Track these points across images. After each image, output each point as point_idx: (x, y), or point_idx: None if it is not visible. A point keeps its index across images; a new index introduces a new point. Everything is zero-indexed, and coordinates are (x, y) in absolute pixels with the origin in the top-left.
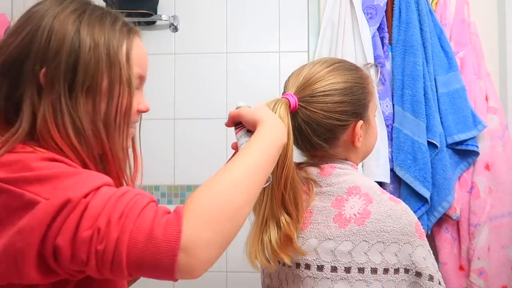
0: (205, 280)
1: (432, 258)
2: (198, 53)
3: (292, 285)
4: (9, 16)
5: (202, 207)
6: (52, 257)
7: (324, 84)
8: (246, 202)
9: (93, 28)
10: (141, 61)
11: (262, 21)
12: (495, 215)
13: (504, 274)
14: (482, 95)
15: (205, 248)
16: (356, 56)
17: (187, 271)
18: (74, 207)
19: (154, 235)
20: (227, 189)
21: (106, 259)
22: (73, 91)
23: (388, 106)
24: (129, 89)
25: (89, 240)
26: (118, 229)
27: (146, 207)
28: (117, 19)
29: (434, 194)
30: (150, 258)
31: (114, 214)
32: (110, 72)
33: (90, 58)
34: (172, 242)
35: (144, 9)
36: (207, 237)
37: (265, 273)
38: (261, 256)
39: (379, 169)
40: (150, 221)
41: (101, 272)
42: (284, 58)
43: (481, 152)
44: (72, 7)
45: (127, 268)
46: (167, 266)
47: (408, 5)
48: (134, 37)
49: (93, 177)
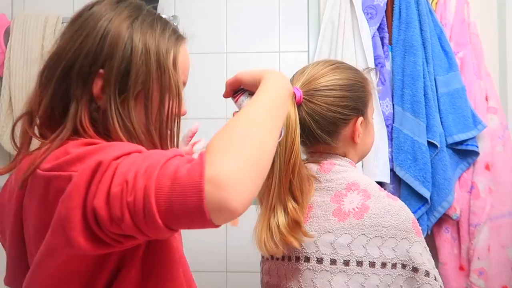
0: (205, 280)
1: (429, 254)
2: (198, 53)
3: (291, 279)
4: (9, 16)
5: (223, 143)
6: (94, 220)
7: (328, 79)
8: (266, 133)
9: (145, 34)
10: (185, 68)
11: (262, 21)
12: (495, 215)
13: (504, 274)
14: (482, 95)
15: (233, 177)
16: (356, 56)
17: (220, 206)
18: (106, 168)
19: (178, 177)
20: (242, 124)
21: (138, 210)
22: (124, 96)
23: (388, 106)
24: (178, 98)
25: (120, 194)
26: (144, 179)
27: (172, 158)
28: (166, 26)
29: (434, 194)
30: (178, 199)
31: (141, 167)
32: (160, 78)
33: (141, 64)
34: (196, 178)
35: None
36: (233, 166)
37: (264, 271)
38: (270, 242)
39: (379, 169)
40: (175, 167)
41: (138, 227)
42: (284, 58)
43: (481, 152)
44: (126, 12)
45: (160, 216)
46: (196, 203)
47: (408, 5)
48: (181, 44)
49: (126, 145)
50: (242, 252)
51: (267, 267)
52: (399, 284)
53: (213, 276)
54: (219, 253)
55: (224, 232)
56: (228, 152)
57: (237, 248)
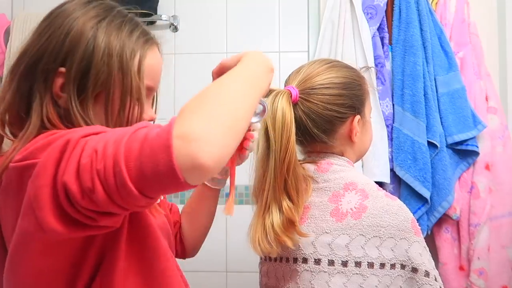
0: (205, 280)
1: (428, 254)
2: (198, 53)
3: (289, 280)
4: (9, 16)
5: (194, 105)
6: (65, 197)
7: (323, 78)
8: (239, 100)
9: (109, 35)
10: (152, 72)
11: (262, 21)
12: (495, 215)
13: (504, 274)
14: (482, 95)
15: (203, 130)
16: (356, 56)
17: (191, 160)
18: (75, 145)
19: (148, 139)
20: (216, 89)
21: (108, 176)
22: (83, 95)
23: (388, 106)
24: (139, 102)
25: (89, 164)
26: (114, 147)
27: (141, 128)
28: (136, 28)
29: (434, 194)
30: (147, 159)
31: (111, 138)
32: (122, 81)
33: (102, 64)
34: (164, 136)
35: (144, 9)
36: (202, 123)
37: (263, 272)
38: (264, 241)
39: (379, 169)
40: (145, 133)
41: (111, 197)
42: (284, 58)
43: (481, 152)
44: (94, 12)
45: (131, 180)
46: (166, 160)
47: (408, 5)
48: (150, 48)
49: (94, 127)
50: (242, 252)
51: (265, 268)
52: (399, 284)
53: (213, 276)
54: (219, 253)
55: (224, 232)
56: (198, 113)
57: (237, 248)
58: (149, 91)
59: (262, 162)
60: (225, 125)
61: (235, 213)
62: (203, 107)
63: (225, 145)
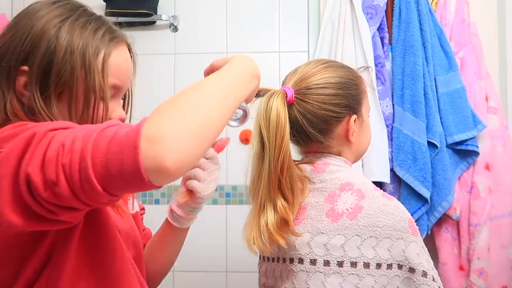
0: (205, 280)
1: (427, 254)
2: (198, 53)
3: (286, 280)
4: (9, 16)
5: (166, 107)
6: (26, 189)
7: (319, 78)
8: (214, 104)
9: (72, 34)
10: (119, 71)
11: (262, 21)
12: (495, 215)
13: (504, 274)
14: (482, 95)
15: (170, 134)
16: (356, 56)
17: (155, 164)
18: (42, 138)
19: (116, 136)
20: (191, 92)
21: (74, 171)
22: (46, 93)
23: (388, 106)
24: (104, 101)
25: (55, 158)
26: (82, 142)
27: (111, 126)
28: (101, 27)
29: (434, 194)
30: (113, 158)
31: (79, 133)
32: (85, 79)
33: (64, 63)
34: (132, 136)
35: (144, 9)
36: (171, 126)
37: (261, 272)
38: (258, 240)
39: (379, 169)
40: (114, 130)
41: (74, 191)
42: (284, 58)
43: (481, 152)
44: (58, 11)
45: (96, 177)
46: (131, 160)
47: (408, 5)
48: (117, 46)
49: (63, 122)
50: (242, 252)
51: (263, 268)
52: (396, 285)
53: (213, 276)
54: (219, 253)
55: (224, 232)
56: (169, 115)
57: (237, 248)
58: (116, 90)
59: (257, 162)
60: (194, 130)
61: (235, 213)
62: (175, 110)
63: (192, 150)
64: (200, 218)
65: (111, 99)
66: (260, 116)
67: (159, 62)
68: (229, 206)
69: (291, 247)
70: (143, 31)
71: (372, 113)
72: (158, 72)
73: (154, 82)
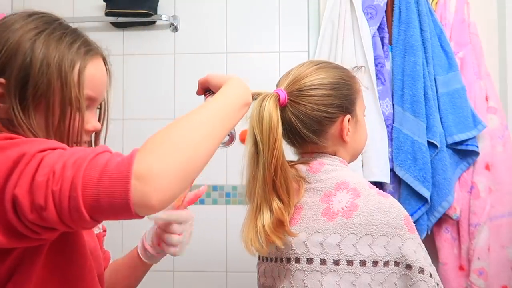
0: (205, 280)
1: (424, 251)
2: (198, 53)
3: (284, 280)
4: None
5: (155, 142)
6: (12, 209)
7: (312, 79)
8: (204, 138)
9: (48, 46)
10: (94, 83)
11: (262, 21)
12: (495, 215)
13: (504, 274)
14: (482, 95)
15: (159, 176)
16: (356, 56)
17: (143, 201)
18: (30, 159)
19: (107, 169)
20: (182, 126)
21: (63, 199)
22: (25, 105)
23: (388, 106)
24: (80, 112)
25: (45, 183)
26: (73, 170)
27: (101, 153)
28: (76, 40)
29: (434, 194)
30: (104, 191)
31: (70, 159)
32: (61, 91)
33: (41, 75)
34: (124, 172)
35: (144, 9)
36: (160, 166)
37: (260, 273)
38: (256, 242)
39: (379, 169)
40: (105, 160)
41: (61, 217)
42: (284, 58)
43: (481, 152)
44: (33, 24)
45: (85, 207)
46: (122, 196)
47: (408, 5)
48: (92, 58)
49: (51, 141)
50: (242, 252)
51: (262, 268)
52: (393, 282)
53: (213, 276)
54: (219, 253)
55: (224, 232)
56: (158, 152)
57: (237, 248)
58: (91, 102)
59: (252, 164)
60: (181, 168)
61: (235, 213)
62: (164, 147)
63: (177, 187)
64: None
65: (86, 110)
66: (253, 119)
67: (159, 62)
68: (229, 206)
69: (288, 247)
70: (143, 31)
71: (372, 113)
72: (158, 72)
73: (154, 82)
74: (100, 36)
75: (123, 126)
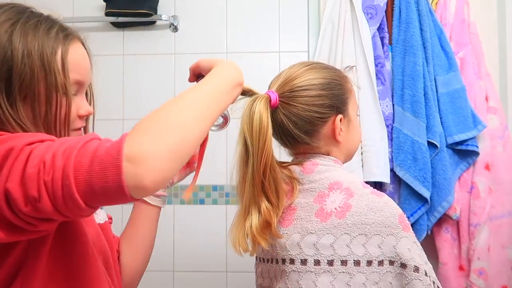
0: (205, 280)
1: (419, 249)
2: (198, 53)
3: (280, 281)
4: None
5: (146, 124)
6: (5, 203)
7: (302, 80)
8: (195, 119)
9: (26, 36)
10: (79, 66)
11: (262, 21)
12: (495, 215)
13: (504, 274)
14: (482, 95)
15: (150, 157)
16: (356, 56)
17: (136, 182)
18: (19, 153)
19: (97, 154)
20: (173, 108)
21: (56, 188)
22: (11, 99)
23: (388, 106)
24: (66, 97)
25: (36, 174)
26: (63, 158)
27: (90, 140)
28: (53, 25)
29: (434, 194)
30: (97, 176)
31: (59, 149)
32: (46, 79)
33: (24, 66)
34: (114, 155)
35: (144, 9)
36: (151, 147)
37: (258, 273)
38: (243, 242)
39: (379, 169)
40: (94, 147)
41: (56, 207)
42: (284, 58)
43: (481, 152)
44: (5, 16)
45: (79, 194)
46: (115, 179)
47: (408, 5)
48: (72, 42)
49: (39, 134)
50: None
51: (259, 269)
52: (388, 281)
53: (213, 276)
54: (219, 253)
55: (224, 232)
56: (149, 133)
57: None
58: (79, 86)
59: (241, 165)
60: (172, 148)
61: (235, 213)
62: (155, 128)
63: (169, 168)
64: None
65: (75, 96)
66: (243, 120)
67: (159, 62)
68: (229, 206)
69: (282, 248)
70: (143, 31)
71: (372, 113)
72: (158, 72)
73: (154, 82)
74: (100, 36)
75: (123, 126)
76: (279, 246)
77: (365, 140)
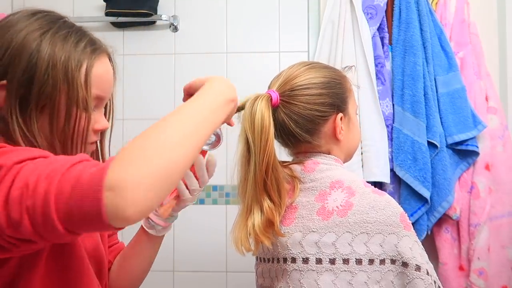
0: (205, 280)
1: (421, 248)
2: (198, 53)
3: (281, 280)
4: None
5: (131, 150)
6: None
7: (303, 79)
8: (180, 143)
9: (54, 46)
10: (101, 82)
11: (262, 21)
12: (495, 215)
13: (504, 274)
14: (482, 95)
15: (133, 186)
16: (356, 56)
17: (117, 213)
18: (7, 172)
19: (80, 181)
20: (159, 130)
21: (37, 213)
22: (26, 107)
23: (388, 106)
24: (86, 112)
25: (19, 198)
26: (46, 183)
27: (77, 163)
28: (82, 38)
29: (434, 194)
30: (77, 204)
31: (44, 172)
32: (67, 92)
33: (46, 76)
34: (96, 184)
35: (144, 9)
36: (134, 177)
37: (258, 273)
38: (245, 241)
39: (379, 169)
40: (78, 172)
41: (37, 231)
42: (284, 58)
43: (481, 152)
44: (37, 24)
45: (59, 220)
46: (94, 209)
47: (408, 5)
48: (98, 57)
49: (32, 150)
50: None
51: (260, 269)
52: (390, 279)
53: (213, 276)
54: (219, 253)
55: (224, 232)
56: (133, 160)
57: None
58: (99, 101)
59: (243, 164)
60: (157, 176)
61: (235, 213)
62: (141, 155)
63: (154, 197)
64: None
65: (94, 110)
66: (245, 120)
67: (159, 62)
68: (229, 206)
69: (284, 247)
70: (143, 31)
71: (372, 113)
72: (158, 72)
73: (154, 82)
74: (100, 36)
75: (123, 126)
76: (280, 245)
77: (365, 140)
